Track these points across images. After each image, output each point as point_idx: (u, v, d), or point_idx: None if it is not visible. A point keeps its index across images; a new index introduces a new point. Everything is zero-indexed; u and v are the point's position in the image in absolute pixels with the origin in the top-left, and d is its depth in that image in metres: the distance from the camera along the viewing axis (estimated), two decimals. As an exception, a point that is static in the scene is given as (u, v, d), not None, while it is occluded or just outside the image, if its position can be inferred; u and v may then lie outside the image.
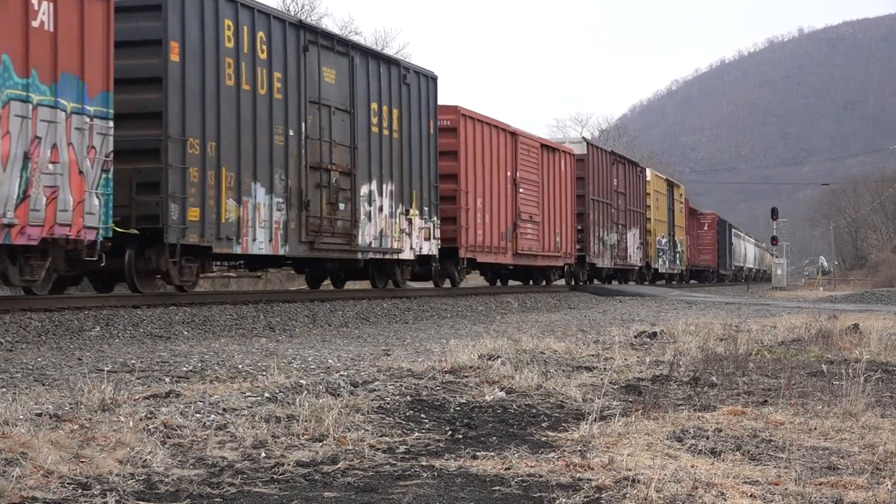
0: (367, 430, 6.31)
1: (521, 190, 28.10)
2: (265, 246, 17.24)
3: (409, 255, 22.16)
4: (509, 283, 31.93)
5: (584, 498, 4.83)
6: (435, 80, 23.53)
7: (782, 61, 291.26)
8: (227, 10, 16.40)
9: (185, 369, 9.06)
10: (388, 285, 22.60)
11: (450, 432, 6.54)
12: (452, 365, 8.99)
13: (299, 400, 6.73)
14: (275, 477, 5.18)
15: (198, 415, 6.32)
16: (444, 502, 4.76)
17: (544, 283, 32.10)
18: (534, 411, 7.42)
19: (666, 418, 6.98)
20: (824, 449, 6.20)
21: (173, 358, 10.02)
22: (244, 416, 6.35)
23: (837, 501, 4.89)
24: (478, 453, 5.85)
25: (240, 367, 9.25)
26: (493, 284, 30.93)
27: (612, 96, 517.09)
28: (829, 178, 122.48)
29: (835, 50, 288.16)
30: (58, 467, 4.97)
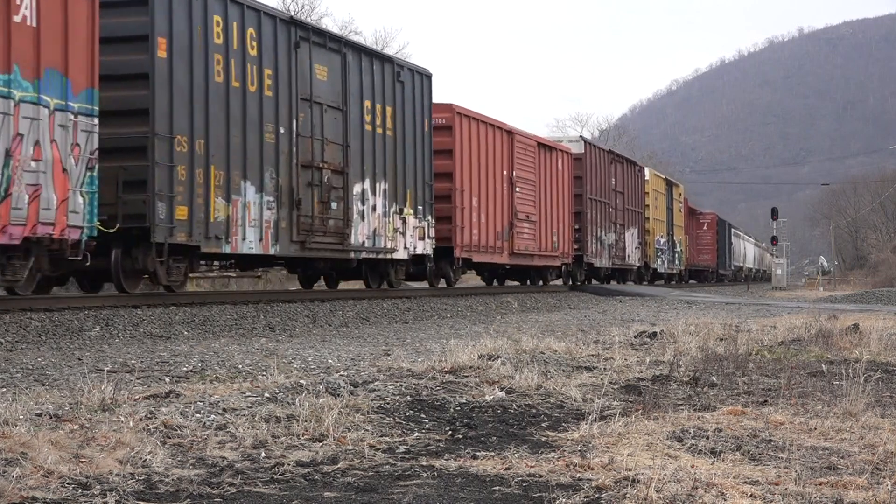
0: (367, 430, 6.31)
1: (517, 189, 27.93)
2: (255, 245, 17.04)
3: (403, 254, 21.95)
4: (507, 283, 31.78)
5: (584, 498, 4.83)
6: (429, 77, 23.26)
7: (782, 61, 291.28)
8: (216, 5, 16.20)
9: (185, 369, 9.06)
10: (381, 285, 22.39)
11: (450, 432, 6.54)
12: (452, 365, 8.99)
13: (299, 400, 6.73)
14: (275, 477, 5.18)
15: (198, 415, 6.33)
16: (444, 502, 4.77)
17: (541, 283, 31.92)
18: (534, 411, 7.42)
19: (666, 418, 6.98)
20: (824, 449, 6.20)
21: (173, 358, 10.02)
22: (244, 416, 6.36)
23: (837, 501, 4.89)
24: (478, 453, 5.85)
25: (240, 367, 9.25)
26: (489, 284, 30.76)
27: (612, 96, 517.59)
28: (829, 178, 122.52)
29: (835, 50, 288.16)
30: (58, 467, 4.97)
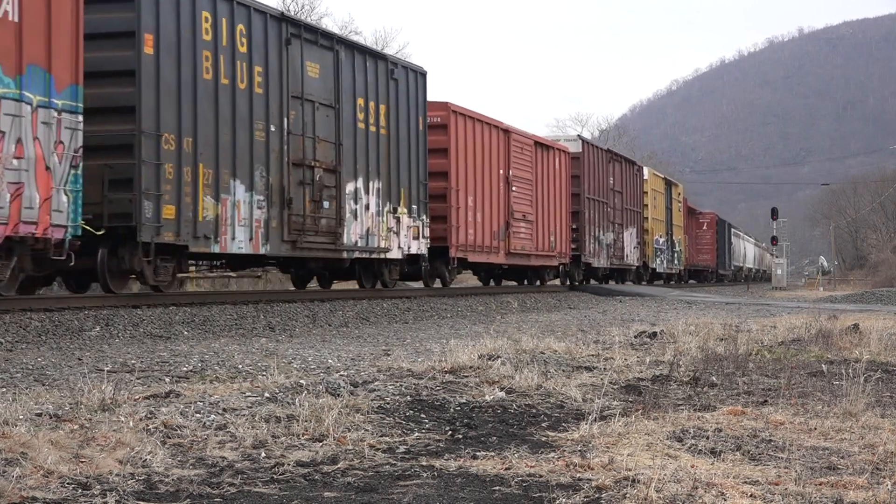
0: (367, 430, 6.31)
1: (514, 188, 27.71)
2: (245, 245, 16.84)
3: (396, 254, 21.71)
4: (505, 283, 31.60)
5: (584, 498, 4.83)
6: (424, 75, 23.00)
7: (782, 61, 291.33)
8: (205, 1, 15.98)
9: (185, 369, 9.05)
10: (375, 285, 22.19)
11: (450, 432, 6.54)
12: (452, 365, 8.99)
13: (299, 400, 6.73)
14: (275, 477, 5.18)
15: (198, 415, 6.32)
16: (444, 502, 4.76)
17: (538, 282, 31.72)
18: (534, 411, 7.42)
19: (666, 418, 6.98)
20: (824, 449, 6.20)
21: (173, 358, 10.01)
22: (244, 416, 6.35)
23: (837, 501, 4.89)
24: (478, 453, 5.85)
25: (240, 367, 9.25)
26: (486, 284, 30.57)
27: (612, 96, 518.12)
28: (829, 178, 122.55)
29: (835, 50, 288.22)
30: (58, 467, 4.97)
